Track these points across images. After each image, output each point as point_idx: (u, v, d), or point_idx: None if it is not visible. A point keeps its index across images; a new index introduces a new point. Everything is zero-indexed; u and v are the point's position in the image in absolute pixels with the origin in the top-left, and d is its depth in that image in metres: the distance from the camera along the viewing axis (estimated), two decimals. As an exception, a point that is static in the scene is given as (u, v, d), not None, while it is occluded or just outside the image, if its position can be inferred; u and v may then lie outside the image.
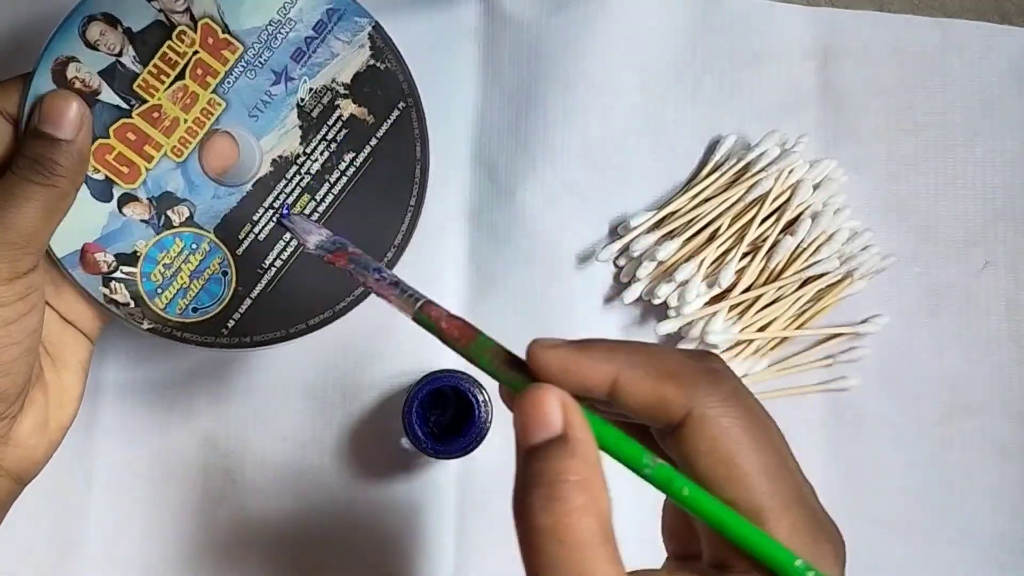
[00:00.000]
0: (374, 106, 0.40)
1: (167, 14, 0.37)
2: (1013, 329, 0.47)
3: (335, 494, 0.47)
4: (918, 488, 0.47)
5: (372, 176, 0.40)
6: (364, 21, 0.39)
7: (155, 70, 0.37)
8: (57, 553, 0.47)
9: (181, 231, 0.38)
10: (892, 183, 0.48)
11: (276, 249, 0.39)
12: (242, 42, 0.38)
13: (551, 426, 0.24)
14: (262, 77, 0.38)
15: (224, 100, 0.38)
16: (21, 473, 0.37)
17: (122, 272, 0.38)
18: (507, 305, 0.47)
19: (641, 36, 0.48)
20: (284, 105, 0.39)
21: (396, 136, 0.40)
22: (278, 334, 0.40)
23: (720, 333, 0.44)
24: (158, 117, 0.38)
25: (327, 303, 0.40)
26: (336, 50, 0.39)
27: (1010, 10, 0.48)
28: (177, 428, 0.47)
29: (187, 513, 0.47)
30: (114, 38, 0.37)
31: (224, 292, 0.39)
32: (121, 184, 0.37)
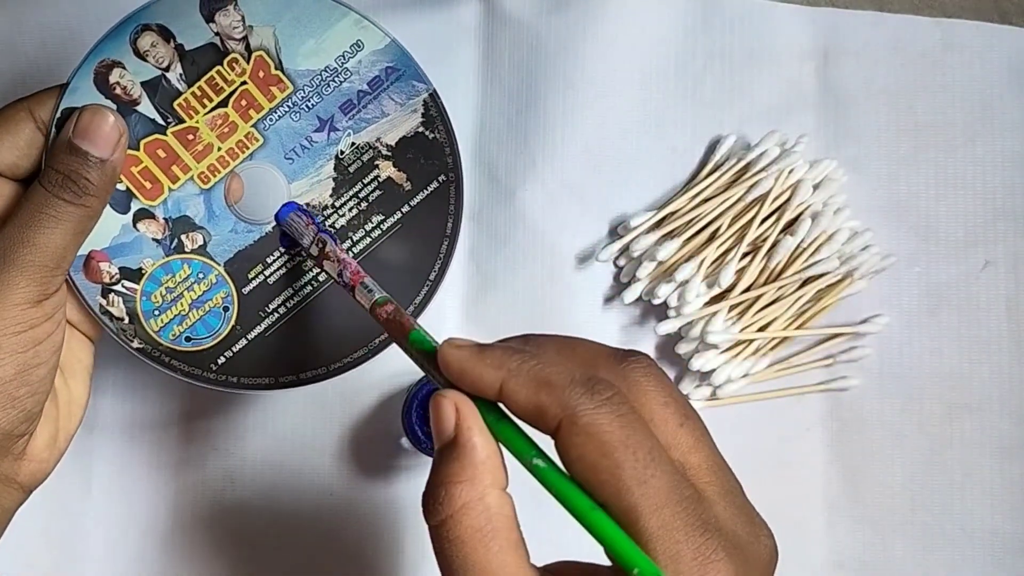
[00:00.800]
0: (414, 173, 0.39)
1: (223, 39, 0.36)
2: (1013, 329, 0.47)
3: (335, 494, 0.47)
4: (918, 488, 0.47)
5: (397, 243, 0.39)
6: (422, 87, 0.38)
7: (199, 92, 0.37)
8: (57, 553, 0.47)
9: (191, 258, 0.37)
10: (892, 183, 0.48)
11: (283, 296, 0.38)
12: (293, 82, 0.37)
13: (445, 431, 0.27)
14: (306, 121, 0.38)
15: (263, 136, 0.37)
16: (31, 484, 0.37)
17: (123, 286, 0.37)
18: (507, 305, 0.47)
19: (641, 36, 0.48)
20: (323, 154, 0.38)
21: (430, 207, 0.39)
22: (266, 381, 0.39)
23: (720, 333, 0.44)
24: (192, 140, 0.37)
25: (322, 360, 0.39)
26: (387, 110, 0.38)
27: (1010, 10, 0.48)
28: (177, 429, 0.47)
29: (187, 513, 0.47)
30: (164, 51, 0.36)
31: (221, 327, 0.38)
32: (141, 199, 0.37)
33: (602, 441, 0.25)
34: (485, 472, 0.26)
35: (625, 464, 0.24)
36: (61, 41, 0.47)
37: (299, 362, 0.39)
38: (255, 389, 0.39)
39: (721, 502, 0.26)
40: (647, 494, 0.24)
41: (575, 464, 0.25)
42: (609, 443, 0.25)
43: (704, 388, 0.46)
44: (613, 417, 0.25)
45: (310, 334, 0.39)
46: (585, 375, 0.26)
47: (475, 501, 0.26)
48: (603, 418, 0.25)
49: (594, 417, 0.25)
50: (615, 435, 0.25)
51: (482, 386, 0.27)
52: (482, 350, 0.27)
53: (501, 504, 0.26)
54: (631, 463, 0.24)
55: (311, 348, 0.39)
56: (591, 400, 0.25)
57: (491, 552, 0.25)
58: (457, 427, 0.27)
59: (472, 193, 0.48)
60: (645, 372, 0.27)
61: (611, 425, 0.25)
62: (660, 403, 0.27)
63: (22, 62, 0.47)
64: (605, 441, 0.25)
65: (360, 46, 0.38)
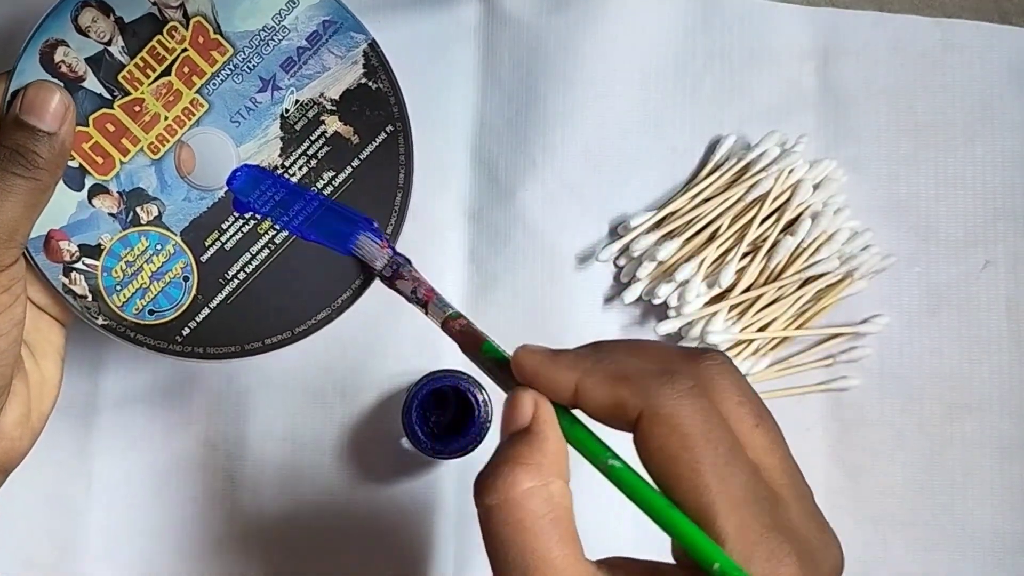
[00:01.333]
0: (360, 126, 0.39)
1: (160, 8, 0.37)
2: (1013, 329, 0.47)
3: (335, 494, 0.47)
4: (918, 488, 0.47)
5: (351, 198, 0.39)
6: (360, 37, 0.38)
7: (142, 63, 0.37)
8: (57, 553, 0.47)
9: (148, 230, 0.38)
10: (892, 183, 0.48)
11: (241, 261, 0.38)
12: (233, 44, 0.37)
13: (520, 420, 0.27)
14: (249, 83, 0.38)
15: (207, 102, 0.38)
16: (6, 464, 0.37)
17: (84, 264, 0.37)
18: (507, 305, 0.47)
19: (641, 36, 0.48)
20: (268, 114, 0.38)
21: (380, 160, 0.39)
22: (232, 349, 0.38)
23: (720, 333, 0.44)
24: (139, 111, 0.37)
25: (286, 324, 0.39)
26: (328, 64, 0.38)
27: (1010, 10, 0.48)
28: (177, 429, 0.47)
29: (187, 513, 0.47)
30: (105, 26, 0.36)
31: (183, 298, 0.38)
32: (94, 174, 0.37)
33: (684, 433, 0.24)
34: (554, 461, 0.26)
35: (705, 459, 0.24)
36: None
37: (264, 328, 0.39)
38: (222, 358, 0.39)
39: (795, 506, 0.26)
40: (726, 492, 0.24)
41: (655, 456, 0.25)
42: (691, 435, 0.24)
43: (704, 388, 0.46)
44: (695, 409, 0.25)
45: (272, 298, 0.39)
46: (661, 369, 0.26)
47: (540, 487, 0.25)
48: (685, 409, 0.24)
49: (676, 408, 0.24)
50: (697, 427, 0.24)
51: (558, 388, 0.27)
52: (556, 354, 0.27)
53: (564, 495, 0.26)
54: (711, 458, 0.24)
55: (274, 313, 0.39)
56: (673, 390, 0.25)
57: (552, 541, 0.25)
58: (534, 418, 0.27)
59: (472, 193, 0.48)
60: (720, 369, 0.27)
61: (693, 417, 0.24)
62: (736, 401, 0.26)
63: None
64: (687, 433, 0.24)
65: (295, 2, 0.38)
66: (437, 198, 0.47)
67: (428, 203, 0.47)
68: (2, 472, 0.37)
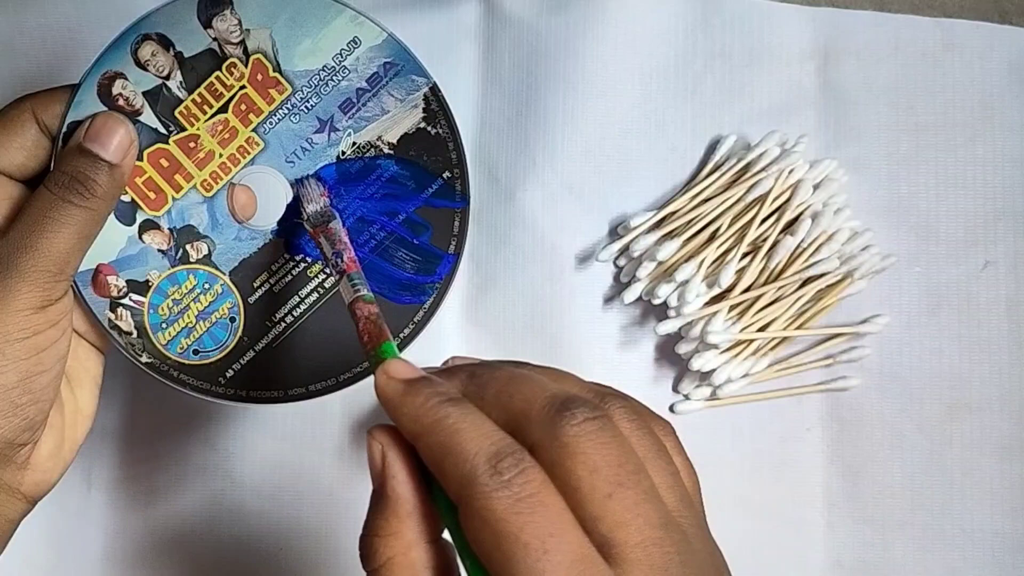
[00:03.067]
0: (417, 171, 0.38)
1: (221, 44, 0.36)
2: (1013, 329, 0.47)
3: (335, 494, 0.47)
4: (918, 488, 0.47)
5: (406, 243, 0.38)
6: (422, 81, 0.38)
7: (199, 99, 0.36)
8: (57, 553, 0.47)
9: (196, 268, 0.37)
10: (892, 183, 0.48)
11: (289, 304, 0.38)
12: (291, 84, 0.37)
13: (373, 475, 0.26)
14: (306, 123, 0.37)
15: (263, 140, 0.37)
16: (36, 495, 0.36)
17: (131, 300, 0.37)
18: (507, 305, 0.47)
19: (641, 36, 0.48)
20: (324, 156, 0.37)
21: (436, 204, 0.38)
22: (275, 394, 0.38)
23: (720, 333, 0.44)
24: (194, 147, 0.36)
25: (331, 371, 0.38)
26: (387, 106, 0.37)
27: (1010, 10, 0.48)
28: (177, 429, 0.47)
29: (187, 513, 0.47)
30: (164, 60, 0.36)
31: (228, 339, 0.38)
32: (146, 210, 0.36)
33: (495, 531, 0.22)
34: (410, 525, 0.25)
35: (515, 558, 0.22)
36: (61, 41, 0.47)
37: (309, 374, 0.38)
38: (264, 402, 0.38)
39: None
40: None
41: (472, 545, 0.23)
42: (501, 533, 0.22)
43: (704, 388, 0.46)
44: (511, 503, 0.22)
45: (318, 344, 0.38)
46: (494, 446, 0.23)
47: (400, 556, 0.25)
48: (499, 503, 0.22)
49: (488, 502, 0.23)
50: (509, 524, 0.22)
51: (403, 432, 0.25)
52: (408, 391, 0.26)
53: (428, 558, 0.25)
54: (522, 556, 0.22)
55: (320, 359, 0.38)
56: (491, 480, 0.23)
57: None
58: (381, 474, 0.25)
59: (472, 193, 0.48)
60: (579, 430, 0.24)
61: (506, 512, 0.22)
62: (589, 469, 0.23)
63: (22, 63, 0.47)
64: (498, 531, 0.22)
65: (357, 43, 0.37)
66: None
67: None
68: (31, 503, 0.36)
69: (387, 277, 0.38)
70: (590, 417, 0.24)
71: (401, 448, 0.25)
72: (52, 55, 0.47)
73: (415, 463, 0.25)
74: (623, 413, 0.25)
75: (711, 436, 0.47)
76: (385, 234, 0.38)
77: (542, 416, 0.24)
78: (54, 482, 0.36)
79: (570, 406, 0.24)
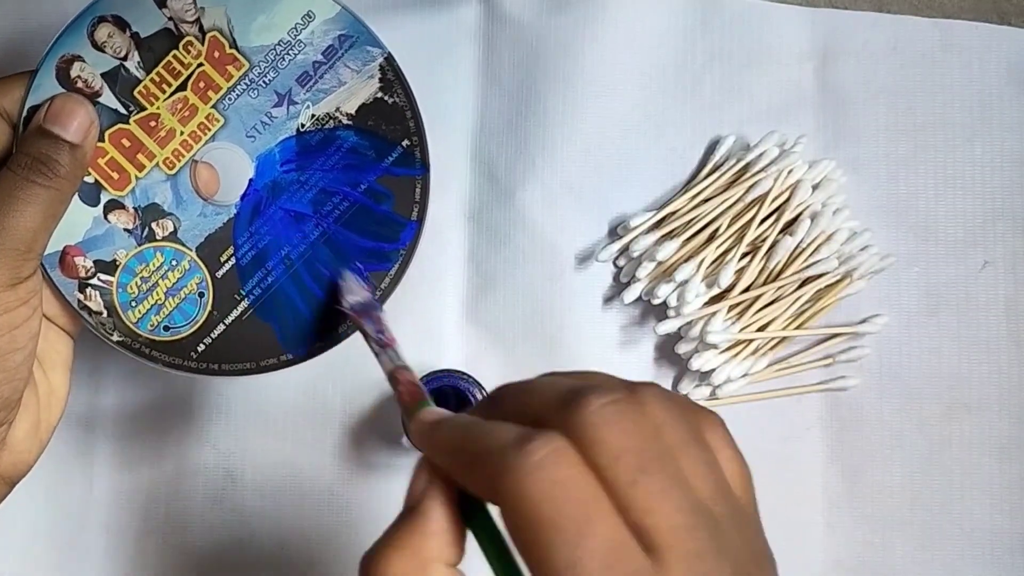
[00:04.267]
0: (376, 140, 0.39)
1: (176, 23, 0.37)
2: (1012, 329, 0.47)
3: (335, 494, 0.47)
4: (917, 488, 0.47)
5: (364, 212, 0.39)
6: (376, 51, 0.38)
7: (157, 78, 0.37)
8: (57, 553, 0.47)
9: (163, 245, 0.38)
10: (891, 183, 0.48)
11: (256, 277, 0.38)
12: (248, 59, 0.37)
13: (411, 497, 0.25)
14: (264, 97, 0.38)
15: (223, 116, 0.37)
16: (13, 476, 0.37)
17: (99, 279, 0.37)
18: (507, 305, 0.47)
19: (641, 37, 0.48)
20: (283, 129, 0.38)
21: (396, 174, 0.39)
22: (248, 366, 0.38)
23: (719, 333, 0.44)
24: (155, 126, 0.37)
25: (302, 342, 0.38)
26: (344, 78, 0.38)
27: (1009, 10, 0.48)
28: (177, 428, 0.47)
29: (187, 513, 0.47)
30: (121, 41, 0.36)
31: (198, 314, 0.38)
32: (109, 190, 0.37)
33: (530, 516, 0.22)
34: (435, 544, 0.24)
35: (552, 545, 0.22)
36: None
37: (280, 344, 0.38)
38: (237, 374, 0.38)
39: (682, 571, 0.22)
40: None
41: (513, 540, 0.23)
42: (536, 520, 0.22)
43: (703, 388, 0.46)
44: (545, 484, 0.22)
45: (288, 314, 0.38)
46: (520, 432, 0.23)
47: (414, 571, 0.24)
48: (533, 486, 0.22)
49: (521, 488, 0.22)
50: (544, 510, 0.22)
51: (438, 461, 0.25)
52: (436, 426, 0.26)
53: None
54: (559, 543, 0.22)
55: (290, 328, 0.38)
56: (523, 461, 0.22)
57: None
58: (423, 496, 0.25)
59: (472, 193, 0.48)
60: (596, 417, 0.23)
61: (542, 496, 0.22)
62: (610, 457, 0.23)
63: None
64: (532, 517, 0.22)
65: (311, 16, 0.38)
66: (437, 198, 0.47)
67: (428, 203, 0.47)
68: (9, 484, 0.37)
69: (353, 246, 0.39)
70: (607, 402, 0.23)
71: (445, 485, 0.25)
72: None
73: (454, 495, 0.25)
74: (655, 399, 0.24)
75: (711, 436, 0.47)
76: (348, 204, 0.38)
77: (558, 406, 0.24)
78: (31, 464, 0.37)
79: (585, 392, 0.23)
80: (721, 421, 0.27)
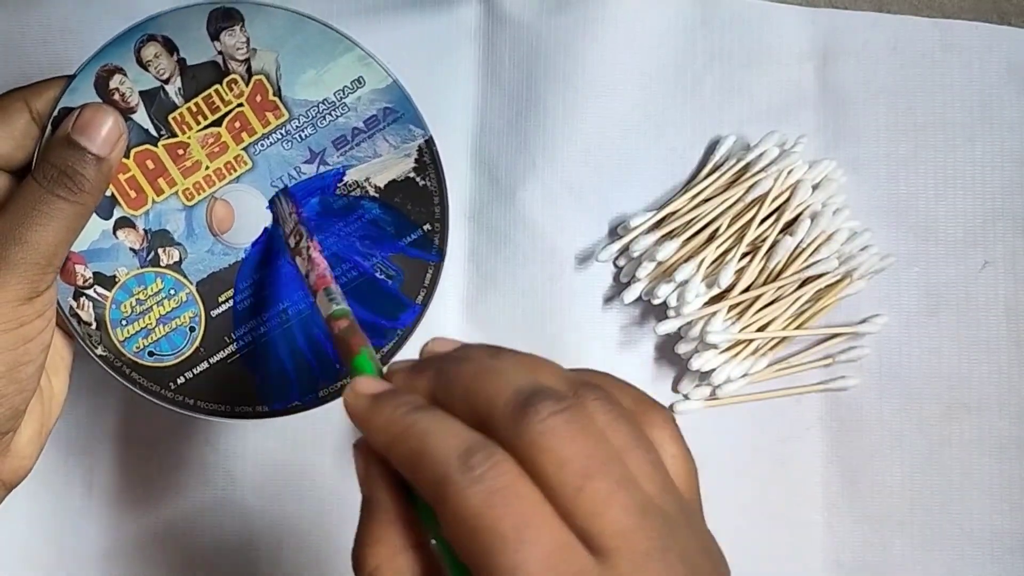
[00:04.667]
0: (399, 218, 0.39)
1: (226, 59, 0.36)
2: (1012, 329, 0.47)
3: (335, 494, 0.47)
4: (917, 487, 0.47)
5: (373, 287, 0.39)
6: (419, 132, 0.38)
7: (195, 108, 0.37)
8: (57, 553, 0.47)
9: (165, 273, 0.37)
10: (891, 183, 0.48)
11: (250, 324, 0.38)
12: (289, 110, 0.37)
13: (359, 483, 0.26)
14: (297, 151, 0.37)
15: (252, 160, 0.37)
16: (14, 481, 0.37)
17: (95, 292, 0.37)
18: (507, 305, 0.47)
19: (641, 37, 0.48)
20: None
21: (411, 254, 0.39)
22: (222, 408, 0.38)
23: (719, 333, 0.44)
24: (182, 155, 0.37)
25: (281, 396, 0.39)
26: (380, 150, 0.38)
27: (1009, 10, 0.48)
28: (177, 428, 0.47)
29: (188, 513, 0.47)
30: (166, 64, 0.36)
31: (185, 347, 0.38)
32: (124, 207, 0.37)
33: (471, 526, 0.22)
34: (394, 532, 0.25)
35: (493, 550, 0.22)
36: (62, 40, 0.47)
37: (258, 395, 0.39)
38: (210, 415, 0.38)
39: (631, 571, 0.23)
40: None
41: (453, 546, 0.23)
42: (477, 528, 0.22)
43: (703, 388, 0.46)
44: (485, 496, 0.22)
45: (273, 368, 0.39)
46: (464, 444, 0.23)
47: (386, 563, 0.25)
48: (473, 498, 0.22)
49: (462, 499, 0.22)
50: (484, 518, 0.22)
51: (374, 446, 0.25)
52: (374, 406, 0.26)
53: (413, 564, 0.25)
54: (500, 548, 0.22)
55: (272, 383, 0.39)
56: (463, 476, 0.23)
57: None
58: (364, 483, 0.26)
59: (472, 193, 0.48)
60: (543, 426, 0.23)
61: (481, 506, 0.22)
62: (556, 464, 0.23)
63: (23, 61, 0.47)
64: (474, 526, 0.22)
65: (361, 83, 0.37)
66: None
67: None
68: (8, 488, 0.37)
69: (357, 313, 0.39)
70: (556, 411, 0.24)
71: (382, 459, 0.25)
72: (53, 55, 0.47)
73: (396, 473, 0.25)
74: (597, 405, 0.25)
75: (710, 436, 0.47)
76: (357, 274, 0.39)
77: (506, 414, 0.24)
78: (31, 467, 0.37)
79: (534, 401, 0.24)
80: (670, 417, 0.27)
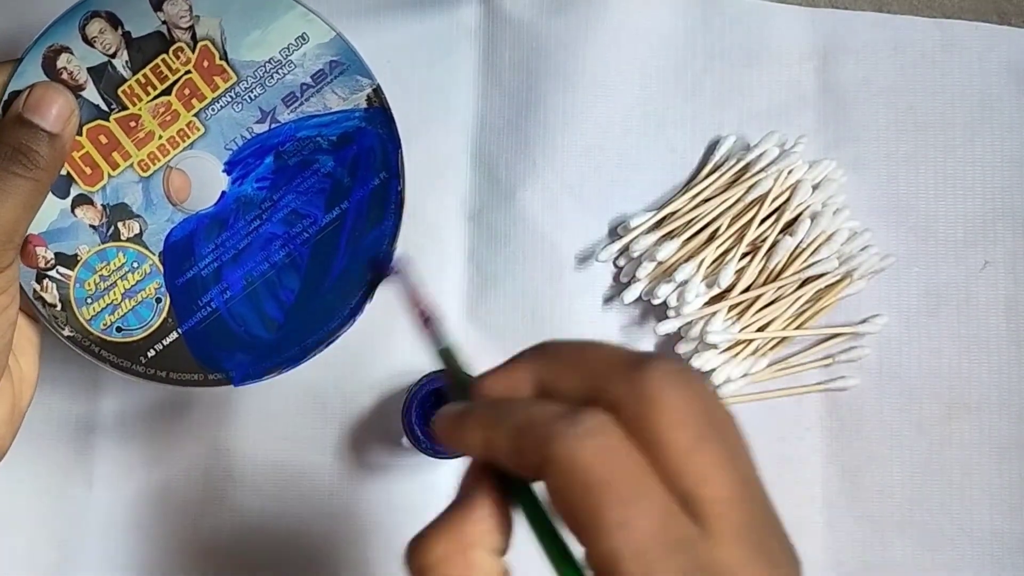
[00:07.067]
0: (354, 169, 0.38)
1: (170, 28, 0.37)
2: (1012, 329, 0.47)
3: (335, 494, 0.47)
4: (917, 487, 0.47)
5: (334, 240, 0.39)
6: (366, 82, 0.38)
7: (143, 80, 0.37)
8: (57, 553, 0.47)
9: (126, 246, 0.37)
10: (892, 183, 0.48)
11: (216, 289, 0.38)
12: (237, 73, 0.37)
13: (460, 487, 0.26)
14: (248, 112, 0.38)
15: (204, 126, 0.37)
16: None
17: (58, 272, 0.37)
18: (507, 305, 0.47)
19: (641, 37, 0.48)
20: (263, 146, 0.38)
21: (371, 204, 0.39)
22: (195, 377, 0.38)
23: (719, 333, 0.44)
24: (134, 127, 0.37)
25: (254, 360, 0.38)
26: (330, 104, 0.38)
27: (1009, 10, 0.48)
28: (177, 428, 0.47)
29: (187, 513, 0.47)
30: (112, 38, 0.36)
31: (153, 319, 0.38)
32: (80, 184, 0.37)
33: (581, 480, 0.22)
34: (479, 530, 0.24)
35: (604, 505, 0.22)
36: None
37: (230, 360, 0.38)
38: (184, 385, 0.38)
39: (730, 541, 0.22)
40: (628, 538, 0.22)
41: (558, 506, 0.23)
42: (587, 482, 0.22)
43: (704, 388, 0.46)
44: (595, 450, 0.22)
45: (242, 331, 0.38)
46: (566, 407, 0.23)
47: (456, 555, 0.24)
48: (585, 451, 0.22)
49: (572, 452, 0.22)
50: (595, 472, 0.22)
51: (472, 451, 0.25)
52: (464, 412, 0.25)
53: (485, 566, 0.24)
54: (610, 503, 0.22)
55: (242, 347, 0.38)
56: (572, 429, 0.22)
57: None
58: (465, 484, 0.25)
59: (472, 193, 0.48)
60: (661, 383, 0.23)
61: (593, 459, 0.22)
62: (671, 422, 0.23)
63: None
64: (584, 480, 0.22)
65: (305, 39, 0.38)
66: (437, 198, 0.47)
67: (428, 203, 0.47)
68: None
69: (322, 269, 0.38)
70: (670, 371, 0.23)
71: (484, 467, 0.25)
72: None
73: (501, 486, 0.25)
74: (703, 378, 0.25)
75: (711, 436, 0.47)
76: (317, 228, 0.38)
77: (624, 369, 0.24)
78: (5, 449, 0.37)
79: (648, 362, 0.24)
80: None
